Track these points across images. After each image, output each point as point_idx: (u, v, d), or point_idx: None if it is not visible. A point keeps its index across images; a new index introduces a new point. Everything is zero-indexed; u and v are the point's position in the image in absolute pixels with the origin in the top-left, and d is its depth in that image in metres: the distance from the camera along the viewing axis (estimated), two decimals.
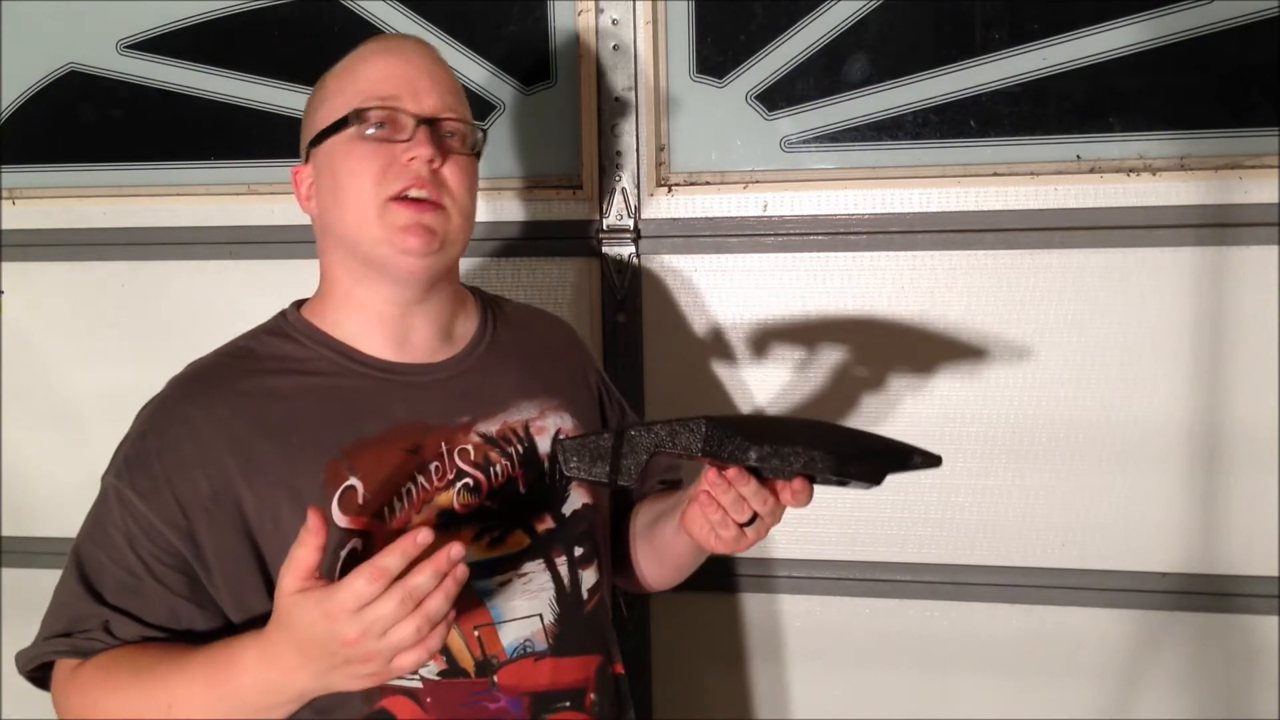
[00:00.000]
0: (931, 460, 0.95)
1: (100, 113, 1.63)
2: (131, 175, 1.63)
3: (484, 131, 1.05)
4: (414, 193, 0.98)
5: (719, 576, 1.58)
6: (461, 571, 0.84)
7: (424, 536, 0.82)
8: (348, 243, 1.01)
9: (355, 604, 0.80)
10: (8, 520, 1.72)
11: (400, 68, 1.01)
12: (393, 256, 0.99)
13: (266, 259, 1.59)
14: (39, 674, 0.99)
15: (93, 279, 1.65)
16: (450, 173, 1.01)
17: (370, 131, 0.99)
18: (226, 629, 0.96)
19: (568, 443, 0.93)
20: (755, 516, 0.96)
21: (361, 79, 1.01)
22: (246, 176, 1.60)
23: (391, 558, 0.81)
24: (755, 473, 0.94)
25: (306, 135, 1.06)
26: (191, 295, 1.62)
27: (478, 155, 1.06)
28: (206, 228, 1.61)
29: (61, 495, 1.70)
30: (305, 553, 0.82)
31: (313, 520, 0.82)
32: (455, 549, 0.83)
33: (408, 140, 0.98)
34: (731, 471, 0.93)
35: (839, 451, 0.92)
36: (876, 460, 0.94)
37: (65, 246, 1.65)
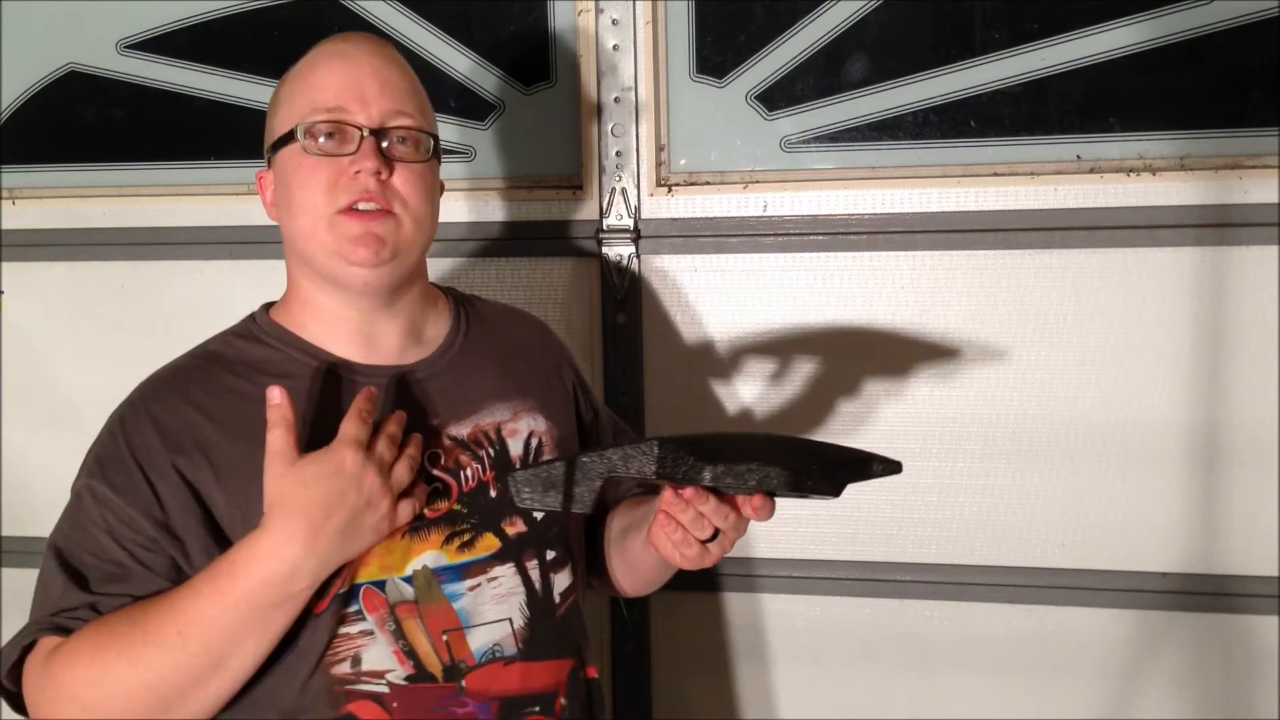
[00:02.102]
0: (892, 467, 0.95)
1: (100, 113, 1.63)
2: (131, 175, 1.63)
3: (435, 137, 1.05)
4: (362, 205, 0.98)
5: (719, 577, 1.58)
6: (417, 440, 0.98)
7: (374, 390, 0.97)
8: (303, 254, 1.02)
9: (359, 441, 0.91)
10: (8, 520, 1.72)
11: (349, 74, 1.00)
12: (343, 269, 0.99)
13: (266, 259, 1.59)
14: (13, 682, 0.95)
15: (93, 279, 1.65)
16: (401, 181, 1.00)
17: (318, 144, 0.99)
18: None
19: (519, 475, 0.93)
20: (718, 532, 0.95)
21: (311, 87, 1.01)
22: (246, 176, 1.60)
23: (362, 400, 0.94)
24: (714, 490, 0.93)
25: (266, 140, 1.06)
26: (191, 295, 1.62)
27: (437, 158, 1.06)
28: (206, 228, 1.61)
29: (61, 495, 1.68)
30: (282, 433, 0.91)
31: (273, 394, 0.91)
32: (373, 390, 0.97)
33: (354, 153, 0.98)
34: (688, 491, 0.93)
35: (795, 466, 0.92)
36: (835, 472, 0.93)
37: (65, 246, 1.65)
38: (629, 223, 1.50)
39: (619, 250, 1.51)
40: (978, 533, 1.50)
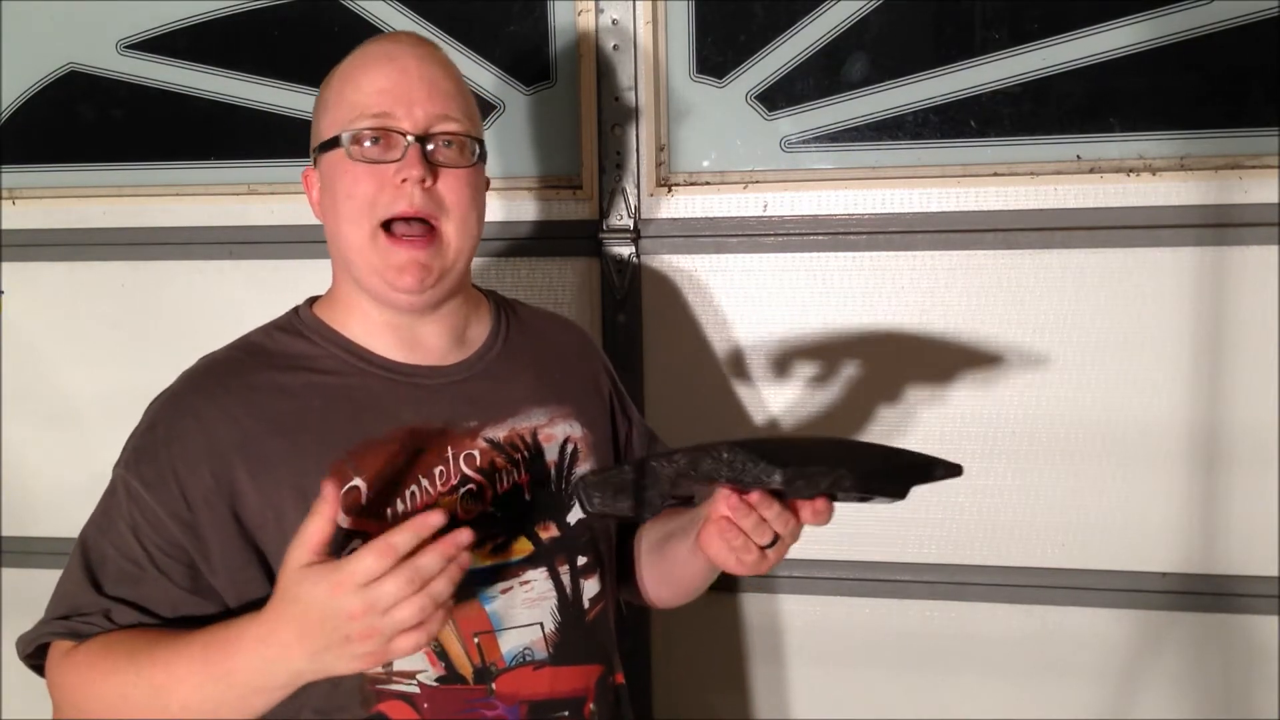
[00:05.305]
0: (953, 470, 0.95)
1: (100, 113, 1.63)
2: (131, 175, 1.63)
3: (480, 142, 1.04)
4: (403, 230, 0.97)
5: (718, 577, 1.57)
6: (465, 559, 0.84)
7: (436, 519, 0.82)
8: (348, 262, 1.01)
9: (363, 579, 0.80)
10: (8, 520, 1.72)
11: (395, 78, 0.99)
12: (388, 291, 0.99)
13: (266, 259, 1.59)
14: (38, 661, 0.98)
15: (93, 279, 1.65)
16: (446, 187, 0.99)
17: (363, 150, 0.98)
18: (226, 616, 0.95)
19: (589, 479, 0.92)
20: (776, 538, 0.95)
21: (357, 90, 0.99)
22: (246, 176, 1.60)
23: (401, 536, 0.81)
24: (777, 494, 0.92)
25: (313, 140, 1.05)
26: (191, 295, 1.62)
27: (482, 161, 1.05)
28: (206, 228, 1.61)
29: (61, 495, 1.70)
30: (319, 524, 0.83)
31: (327, 490, 0.83)
32: (464, 535, 0.83)
33: (399, 160, 0.97)
34: (754, 495, 0.92)
35: (862, 469, 0.91)
36: (900, 475, 0.93)
37: (65, 246, 1.65)
38: (629, 223, 1.50)
39: (619, 250, 1.51)
40: (978, 533, 1.50)
